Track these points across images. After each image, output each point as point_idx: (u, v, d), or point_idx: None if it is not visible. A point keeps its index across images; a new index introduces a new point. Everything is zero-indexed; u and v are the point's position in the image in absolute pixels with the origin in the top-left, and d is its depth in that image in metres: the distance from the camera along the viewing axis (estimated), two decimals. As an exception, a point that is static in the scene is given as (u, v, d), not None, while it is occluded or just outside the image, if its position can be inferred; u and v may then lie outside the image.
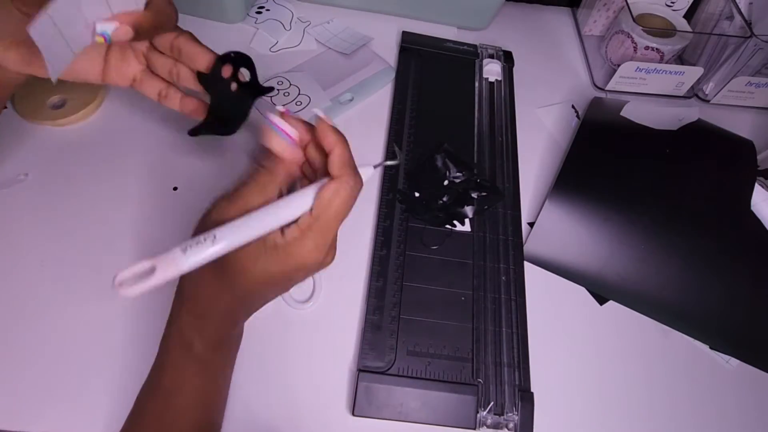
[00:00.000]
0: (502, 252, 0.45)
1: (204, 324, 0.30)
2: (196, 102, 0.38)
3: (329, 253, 0.29)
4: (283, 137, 0.28)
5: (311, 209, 0.27)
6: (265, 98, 0.40)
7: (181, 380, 0.30)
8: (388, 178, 0.48)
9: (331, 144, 0.28)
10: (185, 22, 0.56)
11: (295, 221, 0.28)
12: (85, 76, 0.36)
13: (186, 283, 0.30)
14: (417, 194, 0.47)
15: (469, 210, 0.47)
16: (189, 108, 0.38)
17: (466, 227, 0.46)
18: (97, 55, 0.35)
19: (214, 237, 0.26)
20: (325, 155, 0.28)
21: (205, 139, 0.49)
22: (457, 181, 0.48)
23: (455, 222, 0.46)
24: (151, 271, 0.25)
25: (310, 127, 0.29)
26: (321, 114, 0.28)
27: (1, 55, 0.32)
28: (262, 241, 0.27)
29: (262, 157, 0.29)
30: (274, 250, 0.27)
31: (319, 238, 0.28)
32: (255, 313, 0.32)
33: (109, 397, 0.36)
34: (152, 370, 0.31)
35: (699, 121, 0.55)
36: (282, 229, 0.28)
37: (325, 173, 0.28)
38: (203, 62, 0.35)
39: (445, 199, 0.47)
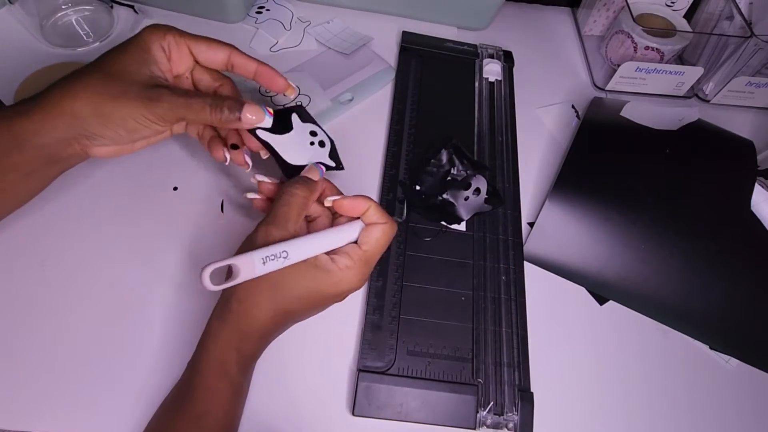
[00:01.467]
0: (502, 252, 0.45)
1: (243, 343, 0.30)
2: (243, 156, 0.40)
3: (364, 282, 0.34)
4: (318, 168, 0.36)
5: (358, 242, 0.33)
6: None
7: (216, 404, 0.30)
8: (389, 178, 0.48)
9: (364, 203, 0.33)
10: (185, 21, 0.56)
11: (339, 249, 0.33)
12: (162, 138, 0.39)
13: (233, 298, 0.31)
14: (417, 187, 0.47)
15: (463, 213, 0.47)
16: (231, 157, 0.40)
17: (466, 228, 0.46)
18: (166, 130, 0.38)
19: (286, 253, 0.30)
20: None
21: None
22: (459, 178, 0.48)
23: (450, 221, 0.46)
24: (233, 272, 0.29)
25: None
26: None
27: (98, 150, 0.34)
28: (312, 263, 0.31)
29: (297, 185, 0.33)
30: (324, 273, 0.31)
31: (365, 270, 0.32)
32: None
33: (110, 397, 0.36)
34: (181, 390, 0.31)
35: (699, 121, 0.55)
36: (331, 256, 0.32)
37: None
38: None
39: (445, 195, 0.47)
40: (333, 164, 0.39)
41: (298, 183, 0.33)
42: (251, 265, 0.28)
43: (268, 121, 0.34)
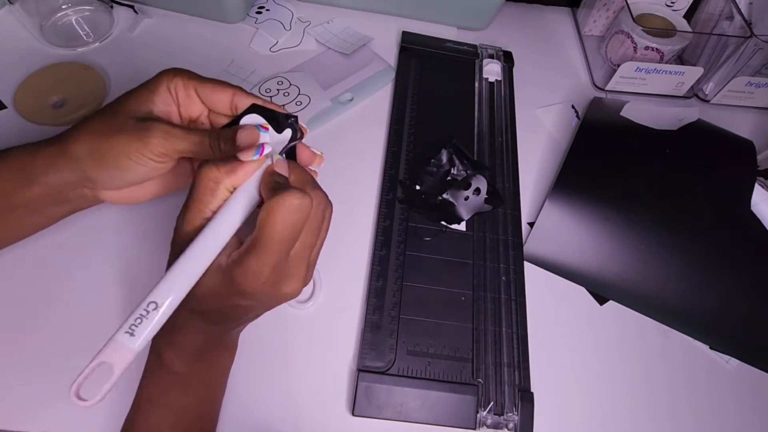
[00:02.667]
0: (502, 252, 0.45)
1: (174, 338, 0.30)
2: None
3: (285, 283, 0.28)
4: (258, 150, 0.28)
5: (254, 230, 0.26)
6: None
7: (155, 393, 0.30)
8: (389, 178, 0.48)
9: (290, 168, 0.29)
10: (185, 21, 0.56)
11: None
12: (175, 188, 0.37)
13: None
14: (417, 187, 0.47)
15: (463, 213, 0.47)
16: None
17: (466, 228, 0.46)
18: (186, 173, 0.36)
19: (155, 304, 0.25)
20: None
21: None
22: (459, 178, 0.48)
23: (450, 221, 0.46)
24: (108, 368, 0.24)
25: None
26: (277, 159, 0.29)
27: (107, 195, 0.34)
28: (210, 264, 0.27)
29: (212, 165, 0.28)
30: (218, 273, 0.27)
31: (260, 263, 0.26)
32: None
33: (109, 397, 0.36)
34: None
35: (699, 121, 0.55)
36: (230, 252, 0.27)
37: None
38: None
39: (445, 195, 0.47)
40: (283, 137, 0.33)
41: (213, 164, 0.28)
42: (122, 348, 0.24)
43: (264, 136, 0.31)
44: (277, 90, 0.51)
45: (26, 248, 0.40)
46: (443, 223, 0.46)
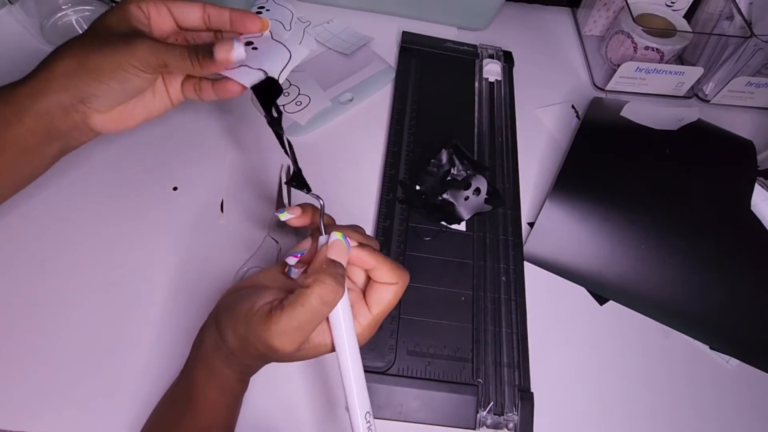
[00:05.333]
0: (502, 252, 0.45)
1: (240, 359, 0.30)
2: (228, 83, 0.35)
3: (315, 348, 0.29)
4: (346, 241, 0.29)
5: (367, 303, 0.30)
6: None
7: (219, 417, 0.31)
8: (389, 178, 0.48)
9: (370, 259, 0.30)
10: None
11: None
12: (158, 113, 0.37)
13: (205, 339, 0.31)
14: (417, 187, 0.47)
15: (463, 213, 0.47)
16: (223, 90, 0.36)
17: (466, 228, 0.46)
18: (164, 93, 0.37)
19: (369, 413, 0.30)
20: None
21: (205, 139, 0.49)
22: (460, 178, 0.48)
23: (450, 221, 0.46)
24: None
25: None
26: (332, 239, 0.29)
27: (98, 119, 0.33)
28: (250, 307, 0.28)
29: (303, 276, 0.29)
30: (250, 317, 0.27)
31: (372, 333, 0.30)
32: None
33: (110, 397, 0.36)
34: (177, 401, 0.31)
35: (699, 121, 0.55)
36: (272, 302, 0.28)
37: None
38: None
39: (445, 195, 0.47)
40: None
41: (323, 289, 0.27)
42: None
43: (239, 51, 0.32)
44: (277, 90, 0.51)
45: (27, 248, 0.40)
46: (443, 223, 0.46)
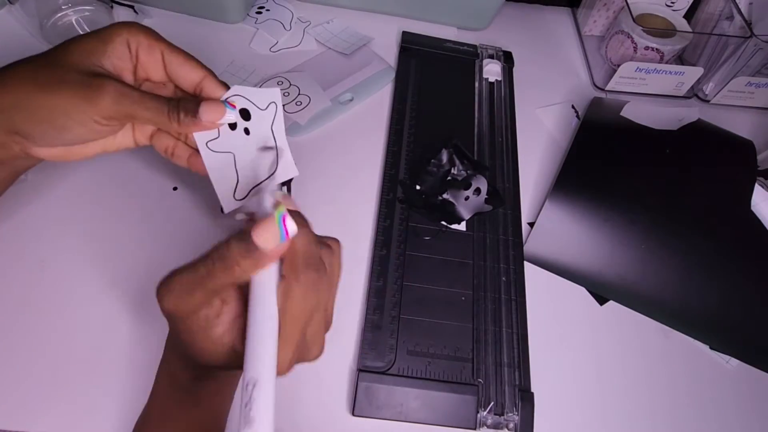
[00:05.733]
0: (502, 252, 0.45)
1: (187, 361, 0.28)
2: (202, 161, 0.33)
3: (308, 353, 0.26)
4: (282, 234, 0.23)
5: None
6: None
7: (169, 410, 0.29)
8: (389, 178, 0.48)
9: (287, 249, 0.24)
10: (185, 22, 0.56)
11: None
12: (123, 147, 0.33)
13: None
14: (417, 187, 0.47)
15: (463, 213, 0.47)
16: (196, 167, 0.34)
17: (466, 228, 0.46)
18: (129, 132, 0.33)
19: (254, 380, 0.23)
20: None
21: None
22: (460, 178, 0.48)
23: (450, 221, 0.46)
24: None
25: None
26: (275, 197, 0.25)
27: (39, 152, 0.29)
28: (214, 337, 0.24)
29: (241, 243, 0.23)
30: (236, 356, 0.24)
31: (287, 353, 0.24)
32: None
33: (110, 397, 0.36)
34: (148, 398, 0.31)
35: (699, 121, 0.55)
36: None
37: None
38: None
39: (445, 195, 0.47)
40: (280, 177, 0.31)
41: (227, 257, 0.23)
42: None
43: (230, 116, 0.28)
44: (277, 90, 0.51)
45: (27, 248, 0.40)
46: (443, 223, 0.46)
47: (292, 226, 0.23)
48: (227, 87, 0.31)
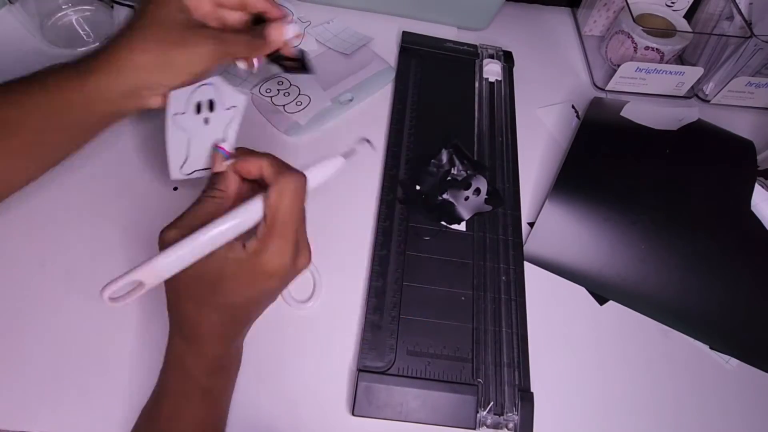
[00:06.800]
0: (502, 252, 0.45)
1: (199, 348, 0.30)
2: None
3: (299, 256, 0.29)
4: (221, 152, 0.31)
5: (264, 217, 0.28)
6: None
7: (181, 408, 0.30)
8: (389, 178, 0.48)
9: (257, 164, 0.29)
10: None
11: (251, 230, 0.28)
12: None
13: (173, 311, 0.30)
14: (417, 187, 0.47)
15: (463, 213, 0.47)
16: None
17: (466, 228, 0.46)
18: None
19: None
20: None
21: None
22: (460, 178, 0.48)
23: (450, 221, 0.46)
24: (139, 284, 0.28)
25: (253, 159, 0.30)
26: (225, 150, 0.31)
27: (155, 101, 0.34)
28: (227, 259, 0.28)
29: (210, 188, 0.31)
30: (239, 265, 0.28)
31: (280, 243, 0.28)
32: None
33: (110, 397, 0.36)
34: (152, 395, 0.31)
35: (699, 121, 0.55)
36: (243, 243, 0.28)
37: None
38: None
39: (445, 195, 0.47)
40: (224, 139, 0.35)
41: (208, 196, 0.31)
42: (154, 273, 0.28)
43: (294, 28, 0.37)
44: (278, 90, 0.51)
45: (27, 248, 0.40)
46: (443, 223, 0.46)
47: (225, 145, 0.32)
48: (284, 10, 0.38)
